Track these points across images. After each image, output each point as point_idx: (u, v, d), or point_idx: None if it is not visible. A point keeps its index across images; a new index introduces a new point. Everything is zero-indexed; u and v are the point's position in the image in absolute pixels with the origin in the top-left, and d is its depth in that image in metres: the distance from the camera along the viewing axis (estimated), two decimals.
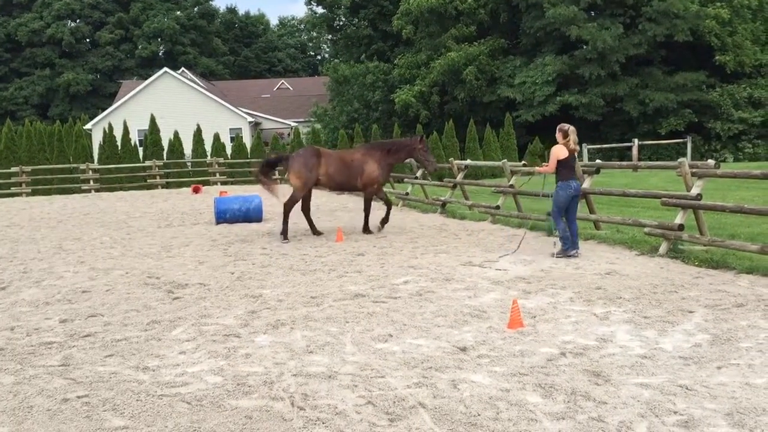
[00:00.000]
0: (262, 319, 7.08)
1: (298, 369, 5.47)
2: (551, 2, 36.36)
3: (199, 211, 19.68)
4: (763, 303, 7.10)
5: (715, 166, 10.19)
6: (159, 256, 11.57)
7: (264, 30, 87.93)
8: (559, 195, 10.22)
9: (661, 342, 5.91)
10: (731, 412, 4.38)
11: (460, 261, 10.13)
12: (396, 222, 15.34)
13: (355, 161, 13.09)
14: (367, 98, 43.48)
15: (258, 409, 4.68)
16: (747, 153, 37.80)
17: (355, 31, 48.06)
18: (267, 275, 9.49)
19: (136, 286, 9.03)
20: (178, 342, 6.35)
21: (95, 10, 74.44)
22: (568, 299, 7.60)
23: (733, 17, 36.92)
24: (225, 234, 14.15)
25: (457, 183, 17.13)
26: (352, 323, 6.81)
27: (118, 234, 14.80)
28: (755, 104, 37.85)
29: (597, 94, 37.05)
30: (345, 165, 13.00)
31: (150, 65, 71.30)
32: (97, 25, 75.23)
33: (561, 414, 4.45)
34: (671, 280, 8.36)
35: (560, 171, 10.19)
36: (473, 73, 38.12)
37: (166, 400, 4.90)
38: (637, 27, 36.93)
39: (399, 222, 15.39)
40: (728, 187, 18.46)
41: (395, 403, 4.71)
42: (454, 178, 17.36)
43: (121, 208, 21.77)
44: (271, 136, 38.87)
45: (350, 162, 13.06)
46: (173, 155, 33.20)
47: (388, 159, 13.26)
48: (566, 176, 10.17)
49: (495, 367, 5.40)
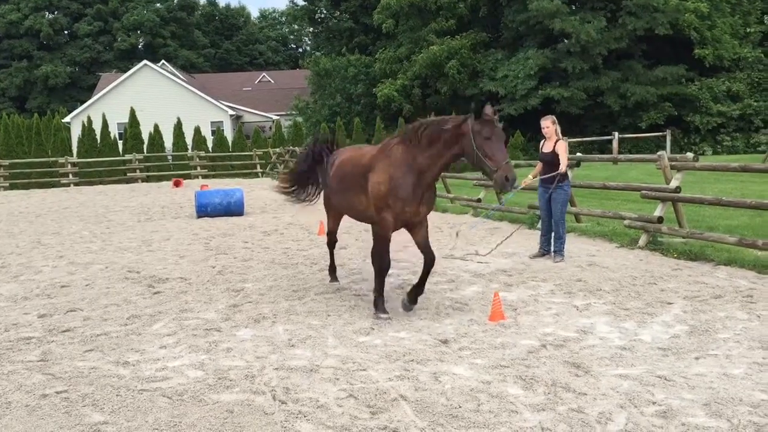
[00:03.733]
0: (243, 313, 7.06)
1: (279, 363, 5.46)
2: None
3: (179, 204, 19.54)
4: (740, 294, 7.19)
5: (693, 159, 10.29)
6: (139, 250, 11.48)
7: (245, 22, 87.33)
8: (568, 193, 9.78)
9: (640, 333, 5.97)
10: (709, 402, 4.43)
11: (442, 254, 10.13)
12: None
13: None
14: (349, 92, 43.35)
15: (239, 403, 4.67)
16: (725, 146, 38.18)
17: (337, 24, 47.88)
18: (248, 269, 9.46)
19: (115, 280, 8.96)
20: (158, 336, 6.31)
21: (73, 2, 73.47)
22: (548, 291, 7.64)
23: (712, 11, 37.20)
24: (206, 228, 14.07)
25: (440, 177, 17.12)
26: (334, 316, 6.81)
27: (97, 228, 14.67)
28: (733, 98, 38.21)
29: (579, 87, 37.20)
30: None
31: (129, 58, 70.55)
32: (76, 16, 74.28)
33: (541, 405, 4.48)
34: (651, 272, 8.44)
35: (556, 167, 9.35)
36: (455, 66, 38.15)
37: (146, 395, 4.87)
38: (618, 21, 37.10)
39: None
40: (707, 179, 18.64)
41: (377, 395, 4.72)
42: None
43: (100, 202, 21.57)
44: (252, 129, 38.67)
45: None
46: (153, 149, 32.92)
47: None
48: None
49: (476, 359, 5.43)
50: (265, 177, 31.67)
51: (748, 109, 37.83)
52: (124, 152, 32.62)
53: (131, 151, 32.29)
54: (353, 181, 7.00)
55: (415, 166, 6.43)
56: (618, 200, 15.35)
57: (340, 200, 7.51)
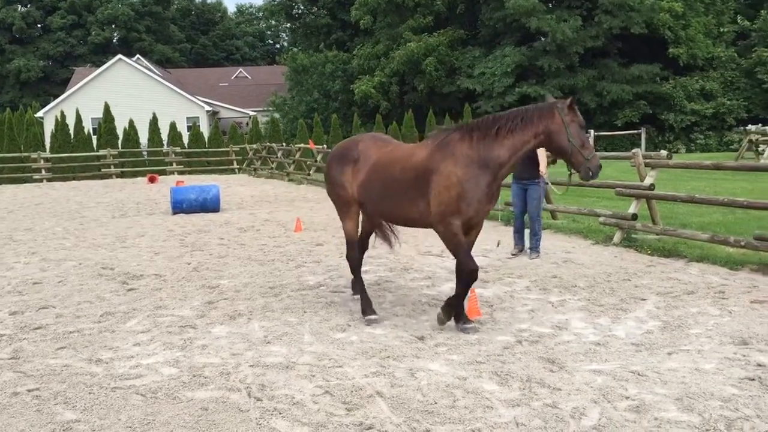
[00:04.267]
0: (219, 309, 7.01)
1: (255, 359, 5.44)
2: None
3: (154, 201, 19.36)
4: (712, 290, 7.29)
5: (667, 156, 10.41)
6: (113, 246, 11.35)
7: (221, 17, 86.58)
8: (543, 189, 9.79)
9: (614, 329, 6.03)
10: (681, 397, 4.49)
11: (419, 251, 10.16)
12: None
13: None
14: (326, 88, 43.25)
15: (214, 401, 4.64)
16: (699, 144, 38.69)
17: (314, 20, 47.73)
18: (224, 266, 9.40)
19: (89, 277, 8.85)
20: (132, 334, 6.24)
21: None
22: (524, 288, 7.69)
23: (687, 11, 37.66)
24: (181, 224, 13.95)
25: None
26: (310, 313, 6.79)
27: (70, 224, 14.48)
28: (707, 96, 38.73)
29: (555, 85, 37.45)
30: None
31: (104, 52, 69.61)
32: (49, 10, 73.13)
33: (516, 401, 4.51)
34: (625, 269, 8.52)
35: (537, 165, 9.39)
36: (432, 63, 38.22)
37: (119, 393, 4.82)
38: (594, 19, 37.42)
39: None
40: (680, 177, 18.87)
41: (353, 392, 4.71)
42: None
43: (74, 198, 21.29)
44: (229, 125, 38.41)
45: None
46: (128, 144, 32.55)
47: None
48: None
49: (452, 355, 5.44)
50: (241, 173, 31.48)
51: (721, 108, 38.37)
52: (98, 148, 32.22)
53: (105, 146, 31.90)
54: (405, 186, 6.09)
55: (491, 163, 5.77)
56: (593, 197, 15.48)
57: (381, 207, 6.44)
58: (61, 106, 41.60)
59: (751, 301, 6.79)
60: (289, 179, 25.85)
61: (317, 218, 14.15)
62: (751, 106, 38.63)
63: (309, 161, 25.01)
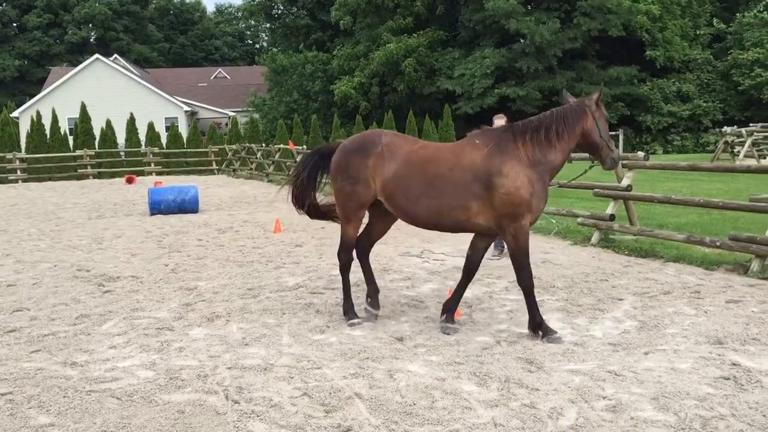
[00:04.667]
0: (196, 311, 6.96)
1: (233, 362, 5.40)
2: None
3: (132, 201, 19.18)
4: (688, 290, 7.36)
5: (644, 158, 10.50)
6: (89, 248, 11.23)
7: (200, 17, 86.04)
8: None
9: (591, 329, 6.06)
10: (657, 396, 4.52)
11: (399, 251, 10.16)
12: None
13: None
14: (306, 88, 43.15)
15: (191, 404, 4.59)
16: (676, 145, 39.15)
17: (294, 21, 47.62)
18: (203, 267, 9.33)
19: (64, 279, 8.74)
20: (108, 336, 6.17)
21: None
22: (503, 289, 7.72)
23: (664, 13, 38.11)
24: (159, 225, 13.83)
25: None
26: (289, 315, 6.76)
27: (46, 226, 14.30)
28: (683, 98, 39.21)
29: (534, 87, 37.72)
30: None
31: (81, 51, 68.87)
32: (25, 8, 72.21)
33: (495, 401, 4.52)
34: (602, 269, 8.58)
35: None
36: (412, 65, 38.29)
37: (94, 396, 4.76)
38: (572, 21, 37.71)
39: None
40: (657, 178, 19.05)
41: (331, 394, 4.70)
42: None
43: (50, 198, 21.03)
44: (208, 125, 38.17)
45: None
46: (106, 144, 32.20)
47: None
48: None
49: (431, 356, 5.44)
50: (220, 174, 31.30)
51: (697, 110, 38.86)
52: (75, 148, 31.84)
53: (82, 146, 31.53)
54: (456, 187, 5.79)
55: (548, 166, 5.83)
56: (571, 198, 15.58)
57: (416, 207, 5.94)
58: (37, 105, 41.10)
59: (727, 301, 6.87)
60: (268, 180, 25.75)
61: (296, 219, 14.08)
62: (726, 108, 39.16)
63: (289, 162, 24.93)
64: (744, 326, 6.00)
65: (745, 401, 4.43)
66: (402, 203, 5.99)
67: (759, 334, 5.77)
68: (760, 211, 8.51)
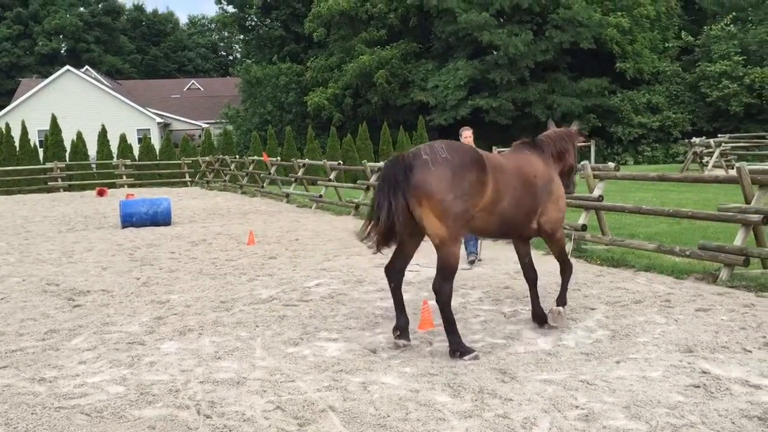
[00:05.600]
0: (168, 325, 6.88)
1: (205, 376, 5.34)
2: (462, 8, 37.08)
3: (103, 214, 18.95)
4: (659, 299, 7.44)
5: (615, 168, 10.63)
6: (59, 261, 11.06)
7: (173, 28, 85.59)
8: None
9: (564, 339, 6.10)
10: (629, 405, 4.56)
11: (373, 263, 10.14)
12: (309, 225, 15.25)
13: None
14: (280, 100, 43.09)
15: (162, 419, 4.53)
16: (646, 156, 39.69)
17: (267, 32, 47.57)
18: (175, 280, 9.23)
19: (33, 293, 8.60)
20: (77, 351, 6.08)
21: None
22: (477, 299, 7.74)
23: (633, 26, 38.71)
24: (131, 238, 13.68)
25: (371, 185, 17.17)
26: (262, 327, 6.71)
27: (15, 239, 14.07)
28: (653, 109, 39.80)
29: (507, 98, 38.02)
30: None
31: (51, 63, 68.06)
32: None
33: (468, 412, 4.52)
34: (575, 279, 8.63)
35: None
36: (384, 76, 38.43)
37: (63, 413, 4.68)
38: (544, 34, 38.16)
39: (312, 225, 15.31)
40: (628, 188, 19.28)
41: (305, 407, 4.67)
42: (368, 180, 17.40)
43: (19, 212, 20.71)
44: (181, 137, 37.90)
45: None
46: (76, 157, 31.83)
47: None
48: None
49: (405, 367, 5.44)
50: (194, 186, 31.07)
51: (667, 121, 39.46)
52: (45, 160, 31.44)
53: (52, 159, 31.14)
54: (535, 195, 6.16)
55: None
56: None
57: (497, 220, 5.94)
58: (6, 117, 40.57)
59: (696, 310, 6.96)
60: (242, 192, 25.62)
61: (270, 231, 14.03)
62: (695, 119, 39.82)
63: (263, 174, 24.84)
64: (713, 334, 6.08)
65: (715, 409, 4.48)
66: (485, 218, 5.83)
67: (728, 342, 5.84)
68: (729, 220, 8.64)
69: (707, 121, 39.45)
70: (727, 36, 38.81)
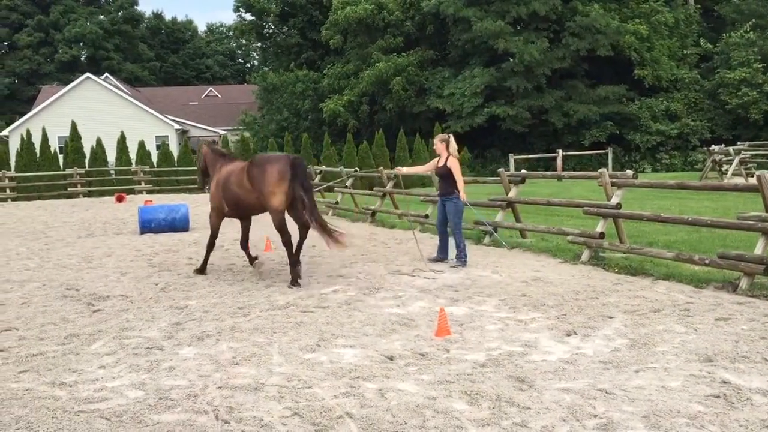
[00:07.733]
0: (186, 330, 6.92)
1: (223, 381, 5.37)
2: (478, 16, 37.08)
3: (122, 220, 19.12)
4: (678, 308, 7.38)
5: (633, 176, 10.58)
6: (79, 267, 11.17)
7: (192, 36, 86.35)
8: (459, 205, 10.51)
9: (582, 347, 6.07)
10: (648, 415, 4.52)
11: (389, 270, 10.15)
12: None
13: None
14: (296, 107, 43.28)
15: (181, 424, 4.56)
16: (664, 164, 39.39)
17: (285, 40, 47.82)
18: (193, 286, 9.29)
19: (53, 298, 8.69)
20: (97, 356, 6.13)
21: (13, 12, 71.52)
22: (494, 307, 7.72)
23: (651, 33, 38.50)
24: (150, 244, 13.78)
25: (387, 192, 17.20)
26: (279, 334, 6.73)
27: (35, 244, 14.22)
28: (672, 117, 39.51)
29: (523, 106, 37.91)
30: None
31: (71, 70, 68.84)
32: (16, 27, 72.28)
33: (486, 420, 4.51)
34: (593, 287, 8.60)
35: (453, 183, 10.41)
36: (401, 83, 38.49)
37: (83, 417, 4.72)
38: (561, 41, 38.04)
39: None
40: (646, 196, 19.16)
41: (322, 413, 4.67)
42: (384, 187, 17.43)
43: (39, 217, 20.94)
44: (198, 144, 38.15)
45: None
46: (96, 163, 32.14)
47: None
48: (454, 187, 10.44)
49: (422, 375, 5.43)
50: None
51: (685, 128, 39.16)
52: (65, 166, 31.78)
53: (72, 165, 31.46)
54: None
55: None
56: (562, 216, 15.65)
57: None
58: (27, 124, 41.01)
59: (716, 319, 6.90)
60: None
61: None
62: (714, 126, 39.48)
63: None
64: (734, 344, 6.02)
65: (736, 419, 4.43)
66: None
67: (749, 352, 5.78)
68: (748, 229, 8.56)
69: (726, 128, 39.09)
70: (746, 43, 38.48)
